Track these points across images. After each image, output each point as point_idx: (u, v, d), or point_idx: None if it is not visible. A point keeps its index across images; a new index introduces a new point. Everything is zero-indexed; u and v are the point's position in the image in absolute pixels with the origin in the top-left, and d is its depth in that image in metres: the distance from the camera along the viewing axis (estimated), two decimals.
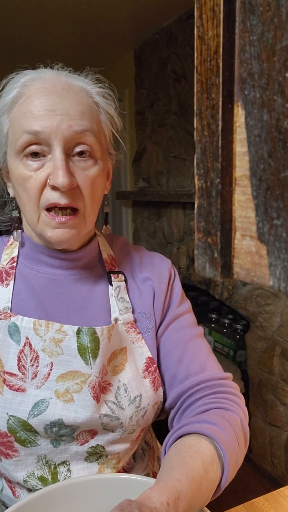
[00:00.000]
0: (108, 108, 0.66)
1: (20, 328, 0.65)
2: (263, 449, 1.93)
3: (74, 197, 0.61)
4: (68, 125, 0.58)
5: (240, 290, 1.97)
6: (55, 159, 0.59)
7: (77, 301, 0.69)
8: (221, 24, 0.22)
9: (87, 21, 2.29)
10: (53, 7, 2.11)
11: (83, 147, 0.61)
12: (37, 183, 0.60)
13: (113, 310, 0.69)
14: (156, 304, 0.73)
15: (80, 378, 0.64)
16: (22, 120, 0.59)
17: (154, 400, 0.69)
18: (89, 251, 0.71)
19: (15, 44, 2.62)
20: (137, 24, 2.38)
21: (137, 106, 2.81)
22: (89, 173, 0.62)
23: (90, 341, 0.64)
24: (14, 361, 0.64)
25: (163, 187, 2.57)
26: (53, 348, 0.64)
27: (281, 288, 0.21)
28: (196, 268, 0.26)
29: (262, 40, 0.20)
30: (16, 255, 0.71)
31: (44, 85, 0.60)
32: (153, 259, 0.79)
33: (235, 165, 0.23)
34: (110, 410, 0.65)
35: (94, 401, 0.63)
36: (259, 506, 0.71)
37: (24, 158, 0.60)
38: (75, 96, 0.61)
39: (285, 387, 1.77)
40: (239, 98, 0.22)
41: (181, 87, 2.32)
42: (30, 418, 0.62)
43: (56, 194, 0.59)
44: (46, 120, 0.58)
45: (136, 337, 0.70)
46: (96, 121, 0.63)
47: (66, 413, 0.62)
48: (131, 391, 0.66)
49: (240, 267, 0.24)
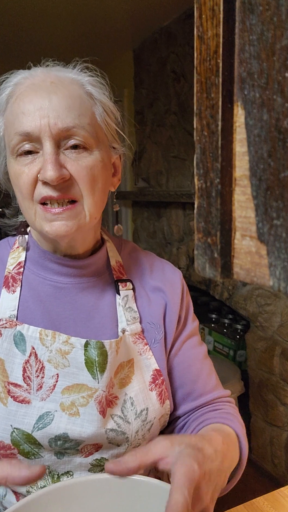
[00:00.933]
0: (102, 97, 0.64)
1: (26, 337, 0.63)
2: (263, 449, 1.93)
3: (69, 189, 0.59)
4: (54, 122, 0.58)
5: (240, 290, 1.97)
6: (45, 154, 0.58)
7: (84, 311, 0.67)
8: (220, 24, 0.22)
9: (86, 20, 2.29)
10: (52, 6, 2.11)
11: (75, 141, 0.60)
12: (29, 178, 0.59)
13: (120, 320, 0.68)
14: (169, 315, 0.72)
15: (86, 391, 0.62)
16: (14, 121, 0.59)
17: (160, 413, 0.68)
18: (97, 258, 0.69)
19: (13, 43, 2.62)
20: (136, 23, 2.38)
21: (136, 106, 2.81)
22: (83, 163, 0.60)
23: (98, 355, 0.63)
24: (19, 372, 0.62)
25: (163, 187, 2.57)
26: (59, 360, 0.62)
27: (281, 288, 0.21)
28: (196, 268, 0.26)
29: (262, 40, 0.20)
30: (23, 259, 0.69)
31: (34, 82, 0.60)
32: (164, 267, 0.77)
33: (235, 165, 0.23)
34: (116, 424, 0.63)
35: (100, 416, 0.62)
36: (259, 506, 0.71)
37: (18, 157, 0.60)
38: (64, 90, 0.60)
39: (285, 387, 1.77)
40: (239, 98, 0.22)
41: (181, 87, 2.32)
42: (35, 431, 0.60)
43: (48, 188, 0.58)
44: (34, 120, 0.58)
45: (144, 349, 0.68)
46: (87, 114, 0.61)
47: (72, 427, 0.61)
48: (137, 405, 0.65)
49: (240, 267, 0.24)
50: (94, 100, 0.63)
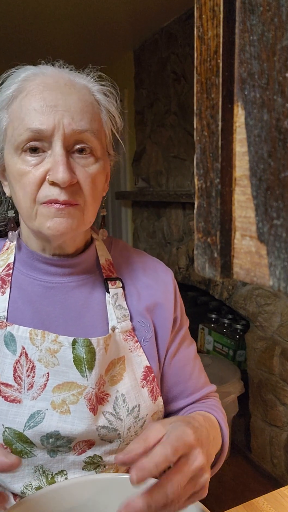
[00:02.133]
0: (109, 106, 0.65)
1: (16, 337, 0.63)
2: (263, 449, 1.93)
3: (74, 194, 0.59)
4: (69, 122, 0.58)
5: (240, 290, 1.97)
6: (55, 155, 0.57)
7: (74, 310, 0.67)
8: (221, 24, 0.22)
9: (87, 21, 2.29)
10: (52, 7, 2.11)
11: (84, 145, 0.60)
12: (35, 179, 0.58)
13: (111, 318, 0.68)
14: (162, 315, 0.72)
15: (76, 389, 0.63)
16: (24, 116, 0.58)
17: (153, 410, 0.68)
18: (86, 257, 0.70)
19: (14, 44, 2.62)
20: (136, 24, 2.38)
21: (136, 106, 2.81)
22: (90, 170, 0.61)
23: (86, 353, 0.63)
24: (10, 372, 0.62)
25: (163, 187, 2.57)
26: (49, 359, 0.63)
27: (281, 288, 0.21)
28: (196, 268, 0.26)
29: (262, 40, 0.20)
30: (12, 261, 0.69)
31: (46, 80, 0.59)
32: (156, 266, 0.77)
33: (235, 165, 0.23)
34: (108, 421, 0.64)
35: (91, 413, 0.62)
36: (259, 506, 0.71)
37: (23, 154, 0.59)
38: (77, 93, 0.60)
39: (285, 387, 1.77)
40: (239, 98, 0.22)
41: (181, 87, 2.32)
42: (26, 430, 0.61)
43: (55, 190, 0.58)
44: (48, 117, 0.57)
45: (134, 346, 0.68)
46: (97, 120, 0.62)
47: (63, 425, 0.61)
48: (129, 401, 0.65)
49: (240, 267, 0.24)
50: (101, 107, 0.64)
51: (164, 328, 0.72)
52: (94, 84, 0.64)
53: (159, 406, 0.69)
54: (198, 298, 2.64)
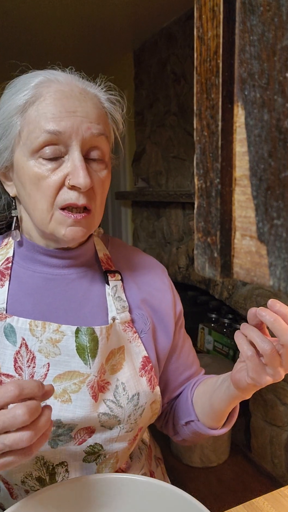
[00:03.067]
0: (114, 114, 0.68)
1: (16, 329, 0.65)
2: (263, 449, 1.93)
3: (89, 198, 0.62)
4: (88, 126, 0.60)
5: (240, 290, 1.97)
6: (75, 159, 0.59)
7: (74, 301, 0.69)
8: (221, 25, 0.22)
9: (87, 22, 2.29)
10: (52, 8, 2.11)
11: (97, 153, 0.62)
12: (55, 183, 0.60)
13: (110, 309, 0.70)
14: (161, 309, 0.75)
15: (78, 378, 0.64)
16: (41, 120, 0.59)
17: (151, 398, 0.70)
18: (86, 249, 0.71)
19: (14, 45, 2.62)
20: (136, 25, 2.38)
21: (136, 107, 2.81)
22: (101, 175, 0.64)
23: (89, 341, 0.65)
24: (10, 363, 0.64)
25: (163, 187, 2.57)
26: (50, 349, 0.64)
27: (281, 288, 0.21)
28: (196, 268, 0.26)
29: (263, 40, 0.20)
30: (11, 255, 0.70)
31: (62, 88, 0.61)
32: (152, 262, 0.80)
33: (235, 165, 0.23)
34: (109, 408, 0.65)
35: (93, 400, 0.64)
36: (259, 506, 0.71)
37: (40, 158, 0.60)
38: (91, 101, 0.62)
39: (285, 387, 1.77)
40: (239, 98, 0.22)
41: (181, 88, 2.32)
42: None
43: (74, 194, 0.60)
44: (67, 121, 0.59)
45: (133, 336, 0.70)
46: (107, 125, 0.65)
47: (64, 414, 0.63)
48: (129, 390, 0.67)
49: (240, 267, 0.24)
50: (108, 115, 0.66)
51: (165, 321, 0.75)
52: (103, 93, 0.67)
53: (157, 395, 0.71)
54: (198, 297, 2.64)
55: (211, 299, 2.55)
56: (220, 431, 0.75)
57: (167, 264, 2.54)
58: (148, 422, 0.74)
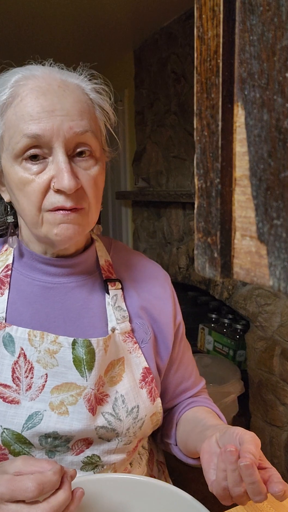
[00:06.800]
0: (103, 104, 0.64)
1: (14, 338, 0.63)
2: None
3: (79, 198, 0.59)
4: (69, 126, 0.57)
5: (240, 290, 1.97)
6: (58, 162, 0.57)
7: (73, 310, 0.67)
8: (221, 24, 0.22)
9: (87, 21, 2.29)
10: (52, 7, 2.11)
11: (84, 148, 0.59)
12: (40, 187, 0.57)
13: (110, 319, 0.68)
14: (161, 318, 0.73)
15: (75, 390, 0.63)
16: (20, 123, 0.57)
17: (152, 411, 0.68)
18: (86, 257, 0.69)
19: (14, 44, 2.62)
20: (136, 24, 2.38)
21: (136, 106, 2.81)
22: (91, 172, 0.60)
23: (86, 353, 0.63)
24: (8, 373, 0.62)
25: (163, 187, 2.57)
26: (48, 360, 0.63)
27: (281, 288, 0.21)
28: (196, 268, 0.26)
29: (262, 40, 0.20)
30: (10, 262, 0.68)
31: (38, 84, 0.58)
32: (155, 270, 0.78)
33: (235, 165, 0.23)
34: (107, 422, 0.64)
35: (90, 414, 0.62)
36: (259, 506, 0.71)
37: (24, 162, 0.58)
38: (72, 94, 0.58)
39: (285, 387, 1.77)
40: (239, 98, 0.22)
41: (181, 87, 2.32)
42: (24, 431, 0.61)
43: (61, 198, 0.57)
44: (46, 122, 0.56)
45: (133, 347, 0.69)
46: (93, 119, 0.61)
47: (61, 426, 0.61)
48: (128, 402, 0.65)
49: (240, 267, 0.24)
50: (95, 106, 0.63)
51: (164, 332, 0.73)
52: (88, 83, 0.63)
53: (157, 407, 0.70)
54: (198, 298, 2.64)
55: (211, 299, 2.55)
56: (198, 463, 0.69)
57: (167, 264, 2.54)
58: (148, 434, 0.73)
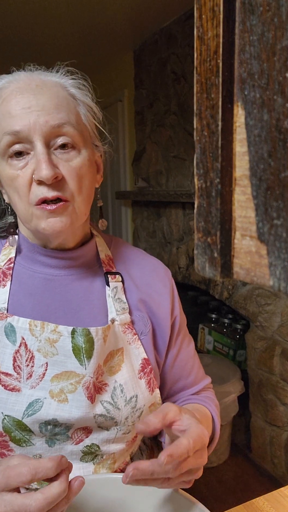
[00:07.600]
0: (84, 98, 0.66)
1: (16, 328, 0.65)
2: (263, 449, 1.93)
3: (61, 189, 0.61)
4: (45, 120, 0.59)
5: (240, 290, 1.97)
6: (37, 154, 0.59)
7: (74, 302, 0.69)
8: (221, 25, 0.22)
9: (87, 21, 2.29)
10: (52, 7, 2.11)
11: (64, 139, 0.61)
12: (24, 181, 0.60)
13: (110, 310, 0.70)
14: (159, 311, 0.74)
15: (74, 378, 0.64)
16: (2, 122, 0.60)
17: (150, 401, 0.70)
18: (86, 250, 0.71)
19: (13, 45, 2.62)
20: (136, 24, 2.38)
21: (136, 106, 2.81)
22: (73, 163, 0.62)
23: (85, 342, 0.65)
24: (9, 361, 0.64)
25: (163, 187, 2.57)
26: (48, 349, 0.65)
27: (281, 288, 0.21)
28: (196, 268, 0.26)
29: (262, 40, 0.20)
30: (13, 255, 0.71)
31: (18, 85, 0.61)
32: (155, 265, 0.79)
33: (235, 165, 0.23)
34: (106, 410, 0.65)
35: (89, 401, 0.64)
36: (259, 506, 0.71)
37: (9, 159, 0.61)
38: (49, 91, 0.61)
39: (285, 387, 1.77)
40: (239, 98, 0.22)
41: (181, 87, 2.32)
42: (25, 418, 0.62)
43: (43, 189, 0.60)
44: (23, 118, 0.59)
45: (133, 338, 0.70)
46: (74, 113, 0.63)
47: (60, 413, 0.63)
48: (127, 392, 0.67)
49: (240, 267, 0.24)
50: (78, 101, 0.65)
51: (162, 326, 0.74)
52: (66, 79, 0.66)
53: (156, 398, 0.71)
54: (198, 298, 2.64)
55: (211, 299, 2.55)
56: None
57: (167, 264, 2.54)
58: None
